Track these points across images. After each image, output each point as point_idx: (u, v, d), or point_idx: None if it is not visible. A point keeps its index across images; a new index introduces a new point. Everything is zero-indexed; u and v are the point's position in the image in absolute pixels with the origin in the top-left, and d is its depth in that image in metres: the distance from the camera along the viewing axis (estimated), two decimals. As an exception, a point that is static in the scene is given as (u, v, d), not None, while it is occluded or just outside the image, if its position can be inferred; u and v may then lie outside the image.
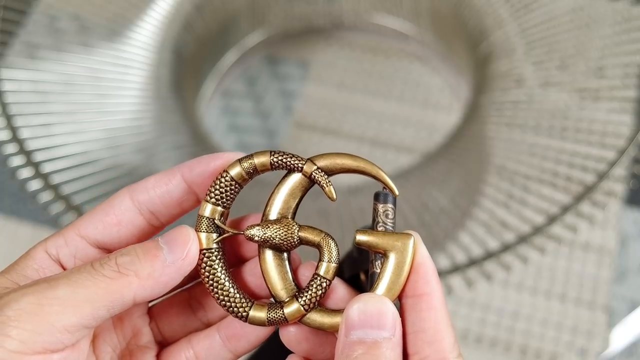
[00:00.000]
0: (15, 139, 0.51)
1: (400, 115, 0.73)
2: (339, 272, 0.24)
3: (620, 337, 0.60)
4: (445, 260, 0.50)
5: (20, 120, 0.53)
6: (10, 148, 0.51)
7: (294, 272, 0.24)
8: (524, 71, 0.60)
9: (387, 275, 0.23)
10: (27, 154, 0.51)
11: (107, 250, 0.24)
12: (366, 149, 0.71)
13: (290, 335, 0.24)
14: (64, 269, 0.23)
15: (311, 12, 0.77)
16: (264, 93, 0.76)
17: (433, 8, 0.72)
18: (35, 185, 0.50)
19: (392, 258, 0.23)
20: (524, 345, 0.59)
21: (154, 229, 0.24)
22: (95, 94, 0.60)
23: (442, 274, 0.47)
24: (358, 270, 0.26)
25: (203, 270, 0.23)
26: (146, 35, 0.65)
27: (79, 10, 0.64)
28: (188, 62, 0.68)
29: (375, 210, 0.24)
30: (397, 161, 0.70)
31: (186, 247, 0.22)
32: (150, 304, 0.26)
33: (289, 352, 0.24)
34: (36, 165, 0.51)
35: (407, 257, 0.23)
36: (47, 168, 0.51)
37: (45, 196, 0.50)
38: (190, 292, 0.26)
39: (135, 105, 0.62)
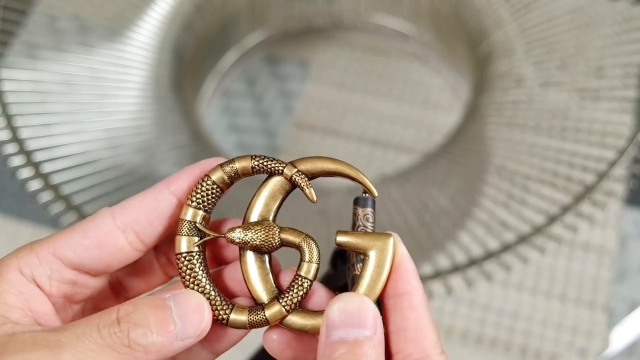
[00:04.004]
0: (15, 139, 0.51)
1: (400, 115, 0.73)
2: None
3: (620, 337, 0.60)
4: (445, 260, 0.50)
5: (20, 120, 0.53)
6: (10, 148, 0.51)
7: (276, 276, 0.24)
8: (524, 71, 0.60)
9: (367, 275, 0.23)
10: (27, 154, 0.51)
11: (85, 271, 0.23)
12: (366, 149, 0.71)
13: (273, 343, 0.24)
14: (41, 288, 0.22)
15: (311, 12, 0.77)
16: (264, 93, 0.76)
17: (433, 8, 0.72)
18: (35, 185, 0.50)
19: (372, 257, 0.23)
20: (524, 345, 0.59)
21: (137, 253, 0.24)
22: (95, 94, 0.60)
23: (441, 274, 0.47)
24: (336, 286, 0.26)
25: (184, 274, 0.23)
26: (146, 35, 0.65)
27: (79, 10, 0.64)
28: (188, 62, 0.68)
29: (355, 215, 0.24)
30: (397, 161, 0.70)
31: (200, 326, 0.22)
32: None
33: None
34: (36, 165, 0.51)
35: (387, 256, 0.22)
36: (47, 168, 0.51)
37: (45, 196, 0.50)
38: (171, 291, 0.26)
39: (135, 105, 0.62)
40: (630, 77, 0.57)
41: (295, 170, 0.24)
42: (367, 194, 0.24)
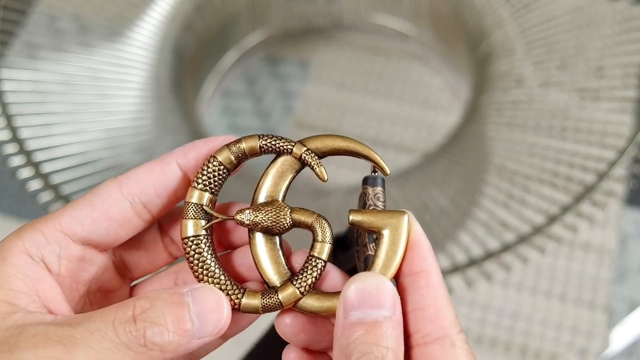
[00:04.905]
0: (15, 139, 0.51)
1: (400, 115, 0.73)
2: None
3: (620, 337, 0.60)
4: (445, 260, 0.50)
5: (20, 120, 0.53)
6: (10, 148, 0.51)
7: (287, 259, 0.23)
8: (524, 71, 0.60)
9: (382, 254, 0.22)
10: (27, 154, 0.51)
11: (93, 245, 0.23)
12: (366, 149, 0.71)
13: (286, 327, 0.23)
14: (49, 269, 0.22)
15: (311, 12, 0.77)
16: (264, 93, 0.76)
17: (433, 8, 0.72)
18: (35, 185, 0.50)
19: (386, 236, 0.22)
20: (524, 345, 0.59)
21: (144, 223, 0.23)
22: (95, 94, 0.60)
23: (442, 273, 0.47)
24: (345, 269, 0.26)
25: (191, 258, 0.22)
26: (146, 35, 0.65)
27: (79, 10, 0.64)
28: (188, 62, 0.68)
29: (365, 194, 0.23)
30: (397, 161, 0.70)
31: (219, 325, 0.21)
32: (135, 283, 0.26)
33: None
34: (36, 165, 0.51)
35: (402, 233, 0.22)
36: (47, 168, 0.51)
37: (45, 196, 0.50)
38: (177, 274, 0.25)
39: (135, 105, 0.62)
40: (630, 77, 0.57)
41: (305, 148, 0.23)
42: (376, 173, 0.23)
